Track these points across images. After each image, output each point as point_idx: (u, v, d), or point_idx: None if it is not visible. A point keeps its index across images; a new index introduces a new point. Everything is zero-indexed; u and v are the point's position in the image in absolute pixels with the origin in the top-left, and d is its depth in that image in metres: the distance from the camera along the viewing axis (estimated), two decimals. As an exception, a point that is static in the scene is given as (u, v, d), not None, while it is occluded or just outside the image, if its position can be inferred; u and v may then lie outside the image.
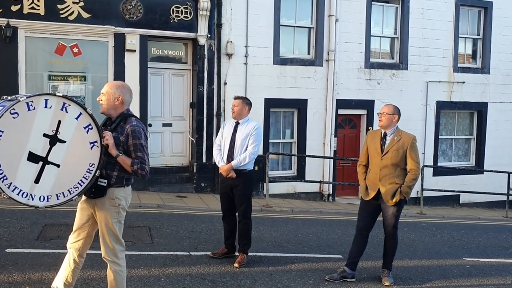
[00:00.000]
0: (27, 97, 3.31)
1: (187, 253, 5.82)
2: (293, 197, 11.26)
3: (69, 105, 3.46)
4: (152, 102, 10.31)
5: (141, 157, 3.68)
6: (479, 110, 13.45)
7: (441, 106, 12.87)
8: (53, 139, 3.41)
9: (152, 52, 10.37)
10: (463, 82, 13.01)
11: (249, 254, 5.69)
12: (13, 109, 3.26)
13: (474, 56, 13.49)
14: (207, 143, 10.66)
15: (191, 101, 10.80)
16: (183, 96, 10.81)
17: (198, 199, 10.00)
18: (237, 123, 5.61)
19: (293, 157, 11.52)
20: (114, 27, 9.65)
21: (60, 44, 9.44)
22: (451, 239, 8.18)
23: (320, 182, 11.42)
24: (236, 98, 5.69)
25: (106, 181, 3.64)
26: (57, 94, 3.44)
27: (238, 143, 5.51)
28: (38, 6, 9.12)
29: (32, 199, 3.38)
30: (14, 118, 3.27)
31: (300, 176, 11.40)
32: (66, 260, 3.84)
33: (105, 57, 9.77)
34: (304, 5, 11.45)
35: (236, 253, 5.71)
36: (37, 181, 3.38)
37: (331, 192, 11.73)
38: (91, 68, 9.76)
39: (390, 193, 5.24)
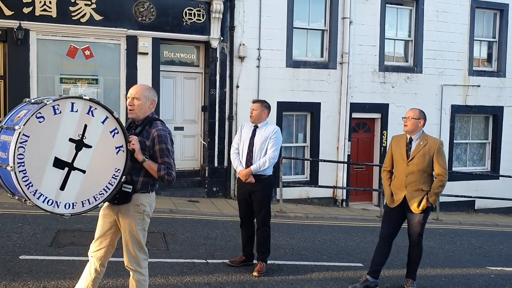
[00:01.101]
0: (53, 100, 3.17)
1: (204, 261, 5.65)
2: (306, 202, 11.08)
3: (96, 108, 3.32)
4: (164, 105, 10.18)
5: (167, 162, 3.55)
6: (495, 114, 13.21)
7: (456, 110, 12.65)
8: (79, 144, 3.27)
9: (164, 55, 10.25)
10: (478, 86, 12.79)
11: (268, 262, 5.51)
12: (39, 112, 3.12)
13: (489, 59, 13.27)
14: (219, 147, 10.52)
15: (203, 104, 10.67)
16: (194, 99, 10.68)
17: (210, 204, 9.84)
18: (256, 127, 5.44)
19: (306, 161, 11.33)
20: (126, 29, 9.54)
21: (72, 46, 9.34)
22: (471, 246, 7.96)
23: (334, 187, 11.23)
24: (254, 101, 5.54)
25: (131, 187, 3.50)
26: (84, 97, 3.29)
27: (257, 147, 5.34)
28: (50, 8, 9.03)
29: (58, 207, 3.24)
30: (40, 122, 3.13)
31: (313, 181, 11.22)
32: (86, 269, 3.68)
33: (117, 60, 9.66)
34: (317, 7, 11.30)
35: (255, 261, 5.53)
36: (62, 187, 3.24)
37: (344, 198, 11.53)
38: (103, 71, 9.65)
39: (416, 200, 5.05)
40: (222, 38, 10.28)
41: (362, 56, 11.50)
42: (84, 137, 3.28)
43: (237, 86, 10.56)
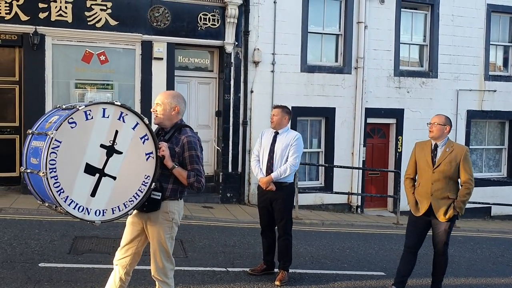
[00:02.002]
0: (85, 106, 3.14)
1: (224, 269, 5.56)
2: (321, 208, 10.96)
3: (126, 114, 3.29)
4: (178, 110, 10.10)
5: (197, 169, 3.50)
6: (511, 119, 13.02)
7: (472, 115, 12.49)
8: (110, 150, 3.24)
9: (178, 60, 10.20)
10: (495, 91, 12.62)
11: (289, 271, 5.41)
12: (71, 118, 3.09)
13: (505, 63, 13.10)
14: (233, 152, 10.45)
15: (216, 109, 10.60)
16: (208, 104, 10.62)
17: (225, 210, 9.75)
18: (276, 133, 5.35)
19: (320, 167, 11.22)
20: (141, 34, 9.51)
21: (87, 51, 9.32)
22: (492, 255, 7.80)
23: (349, 193, 11.10)
24: (275, 107, 5.44)
25: (160, 194, 3.45)
26: (116, 103, 3.27)
27: (277, 154, 5.25)
28: (66, 13, 9.02)
29: (88, 214, 3.20)
30: (72, 127, 3.10)
31: (328, 187, 11.10)
32: (111, 278, 3.61)
33: (132, 65, 9.63)
34: (332, 11, 11.22)
35: (276, 270, 5.44)
36: (93, 194, 3.20)
37: (359, 204, 11.39)
38: (118, 76, 9.62)
39: (443, 209, 4.94)
40: (236, 43, 10.23)
41: (377, 61, 11.39)
42: (115, 143, 3.26)
43: (252, 91, 10.49)
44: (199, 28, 9.95)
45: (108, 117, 3.22)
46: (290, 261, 5.37)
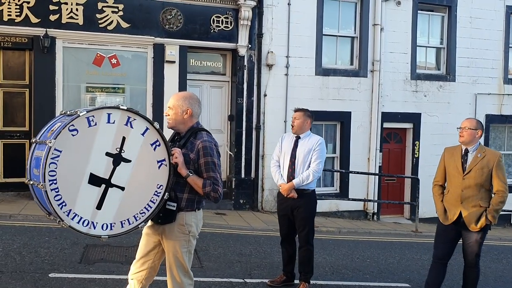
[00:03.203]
0: (87, 111, 2.89)
1: (242, 280, 5.30)
2: (336, 215, 10.66)
3: (134, 119, 3.03)
4: (190, 114, 9.88)
5: (213, 177, 3.22)
6: (531, 124, 12.68)
7: (491, 119, 12.13)
8: (117, 159, 2.98)
9: (190, 64, 9.99)
10: (514, 95, 12.28)
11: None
12: (72, 125, 2.84)
13: (525, 67, 12.75)
14: (246, 157, 10.20)
15: (229, 113, 10.37)
16: (221, 108, 10.39)
17: (238, 217, 9.50)
18: (298, 138, 5.10)
19: (335, 173, 10.93)
20: (153, 37, 9.32)
21: (98, 55, 9.14)
22: (519, 265, 7.47)
23: (365, 200, 10.80)
24: (296, 110, 5.19)
25: (175, 204, 3.19)
26: (121, 107, 3.01)
27: (299, 159, 4.99)
28: (77, 15, 8.86)
29: (94, 228, 2.95)
30: (73, 135, 2.85)
31: (344, 193, 10.80)
32: (127, 293, 3.37)
33: (144, 69, 9.43)
34: (347, 13, 10.97)
35: (296, 281, 5.17)
36: (99, 207, 2.95)
37: (376, 211, 11.08)
38: (130, 80, 9.43)
39: (474, 217, 4.64)
40: (250, 45, 10.00)
41: (394, 64, 11.11)
42: (123, 151, 3.00)
43: (265, 95, 10.25)
44: (212, 31, 9.74)
45: (113, 122, 2.97)
46: (312, 272, 5.10)
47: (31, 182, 2.96)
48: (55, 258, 5.49)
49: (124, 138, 2.99)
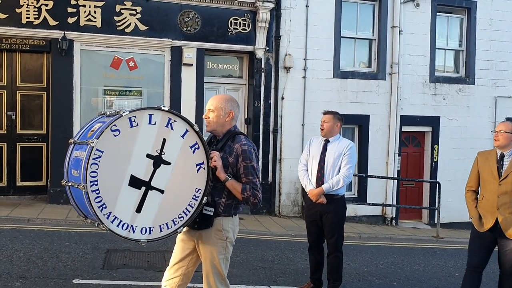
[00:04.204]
0: (129, 112, 2.81)
1: (268, 287, 5.17)
2: (354, 220, 10.50)
3: (175, 121, 2.94)
4: (207, 118, 9.79)
5: (252, 182, 3.13)
6: (552, 127, 12.40)
7: (511, 123, 11.90)
8: (157, 161, 2.89)
9: (207, 66, 9.90)
10: (535, 98, 12.05)
11: (338, 290, 5.00)
12: (114, 125, 2.76)
13: (546, 69, 12.51)
14: (263, 161, 10.07)
15: (246, 117, 10.26)
16: (238, 111, 10.26)
17: (255, 221, 9.37)
18: (327, 141, 4.97)
19: (353, 177, 10.75)
20: (171, 40, 9.24)
21: (116, 57, 9.08)
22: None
23: (384, 205, 10.63)
24: (326, 113, 5.06)
25: (212, 209, 3.09)
26: (163, 108, 2.92)
27: (329, 164, 4.86)
28: (95, 18, 8.80)
29: (133, 232, 2.86)
30: (115, 136, 2.77)
31: (362, 198, 10.64)
32: (160, 300, 3.26)
33: (161, 72, 9.36)
34: (365, 16, 10.83)
35: (324, 289, 5.04)
36: (138, 210, 2.86)
37: (394, 216, 10.90)
38: (147, 82, 9.35)
39: (511, 224, 4.48)
40: (267, 48, 9.89)
41: (412, 67, 10.95)
42: (163, 153, 2.91)
43: (282, 98, 10.13)
44: (229, 33, 9.64)
45: (155, 123, 2.89)
46: (341, 280, 4.97)
47: (69, 184, 2.87)
48: (77, 263, 5.40)
49: (164, 140, 2.90)
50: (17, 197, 8.77)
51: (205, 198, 3.04)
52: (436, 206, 9.89)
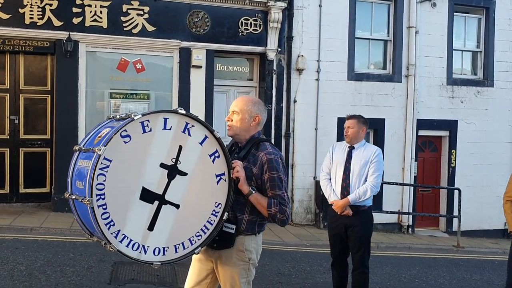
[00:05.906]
0: (142, 115, 2.45)
1: (287, 305, 4.80)
2: (369, 228, 10.07)
3: (193, 126, 2.58)
4: (216, 121, 9.44)
5: (280, 195, 2.74)
6: None
7: (531, 127, 11.49)
8: (172, 171, 2.53)
9: (217, 68, 9.55)
10: (555, 101, 11.61)
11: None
12: (125, 130, 2.40)
13: None
14: (274, 167, 9.67)
15: (257, 121, 9.87)
16: (248, 115, 9.90)
17: (267, 230, 8.85)
18: (352, 148, 4.60)
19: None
20: (179, 41, 8.90)
21: (122, 59, 8.74)
22: None
23: (400, 213, 10.22)
24: (349, 117, 4.70)
25: (234, 226, 2.73)
26: (180, 111, 2.55)
27: (354, 172, 4.48)
28: (101, 18, 8.48)
29: (145, 253, 2.50)
30: (125, 142, 2.41)
31: (377, 205, 10.18)
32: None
33: (170, 74, 9.01)
34: (380, 16, 10.45)
35: (348, 307, 4.64)
36: (151, 227, 2.50)
37: (410, 223, 10.49)
38: (155, 85, 9.00)
39: (556, 239, 4.09)
40: (279, 49, 9.53)
41: (429, 69, 10.55)
42: (179, 162, 2.55)
43: (295, 101, 9.76)
44: (240, 34, 9.29)
45: (170, 129, 2.53)
46: (367, 298, 4.58)
47: (73, 197, 2.51)
48: (83, 278, 5.04)
49: (181, 147, 2.54)
50: (20, 205, 8.44)
51: (226, 214, 2.68)
52: (457, 214, 9.46)
